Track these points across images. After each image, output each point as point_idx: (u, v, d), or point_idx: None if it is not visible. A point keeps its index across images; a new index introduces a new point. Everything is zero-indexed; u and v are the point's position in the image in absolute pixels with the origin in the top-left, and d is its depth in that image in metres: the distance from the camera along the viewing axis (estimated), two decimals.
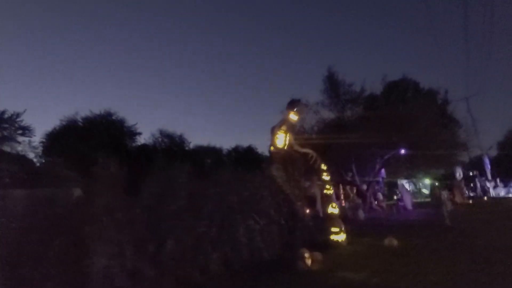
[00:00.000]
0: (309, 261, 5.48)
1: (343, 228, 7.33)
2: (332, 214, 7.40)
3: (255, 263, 5.85)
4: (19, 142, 19.92)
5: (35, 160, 19.33)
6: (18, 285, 3.43)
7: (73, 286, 3.51)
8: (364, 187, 13.96)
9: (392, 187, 20.42)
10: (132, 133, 23.40)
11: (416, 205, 15.54)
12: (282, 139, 6.14)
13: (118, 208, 4.12)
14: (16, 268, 3.45)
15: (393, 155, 13.75)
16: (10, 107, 18.37)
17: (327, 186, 7.64)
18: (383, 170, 14.80)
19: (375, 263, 5.49)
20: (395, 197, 15.99)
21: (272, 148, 6.03)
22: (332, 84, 14.32)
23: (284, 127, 6.23)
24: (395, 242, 6.61)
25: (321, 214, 12.18)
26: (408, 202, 14.69)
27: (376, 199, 13.77)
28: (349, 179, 14.40)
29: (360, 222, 11.19)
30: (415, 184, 22.82)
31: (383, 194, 15.34)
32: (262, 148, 17.87)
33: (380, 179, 15.19)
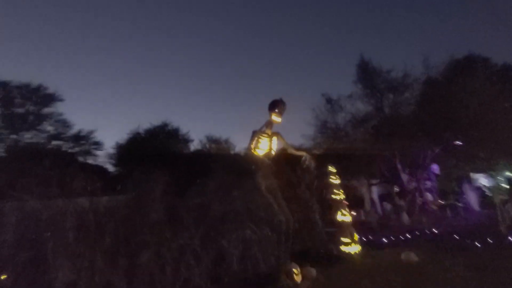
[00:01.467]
0: (298, 278, 5.04)
1: (355, 238, 6.54)
2: (342, 222, 6.67)
3: (248, 276, 5.63)
4: (95, 155, 23.45)
5: (110, 170, 22.58)
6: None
7: None
8: (411, 185, 12.18)
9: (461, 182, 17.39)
10: (185, 141, 25.46)
11: (487, 205, 12.87)
12: (265, 144, 5.74)
13: None
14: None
15: (450, 145, 11.64)
16: (83, 126, 21.82)
17: (335, 191, 6.90)
18: (435, 165, 12.68)
19: (377, 285, 4.75)
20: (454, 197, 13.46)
21: (252, 151, 5.67)
22: (366, 73, 12.85)
23: (268, 131, 5.81)
24: (414, 257, 5.60)
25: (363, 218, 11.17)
26: (474, 202, 12.27)
27: (424, 199, 11.86)
28: (391, 177, 12.80)
29: (402, 227, 9.84)
30: (494, 178, 18.89)
31: (437, 193, 13.14)
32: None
33: (432, 175, 13.02)
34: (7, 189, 5.45)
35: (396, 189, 13.23)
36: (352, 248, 6.44)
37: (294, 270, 5.06)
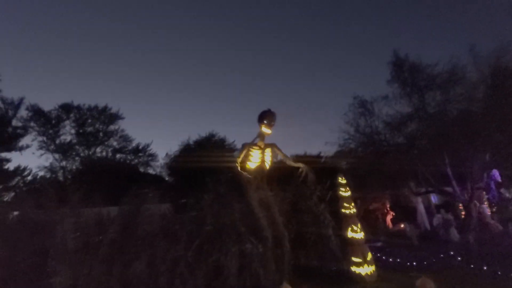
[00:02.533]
0: None
1: (368, 258, 5.87)
2: (352, 239, 6.07)
3: None
4: (151, 166, 26.03)
5: (167, 178, 24.93)
6: None
7: None
8: (464, 195, 10.29)
9: None
10: (232, 150, 26.54)
11: None
12: (257, 156, 5.58)
13: None
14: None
15: None
16: (137, 139, 24.48)
17: (346, 204, 6.32)
18: (496, 172, 10.50)
19: None
20: None
21: (240, 166, 5.56)
22: (403, 70, 11.50)
23: (260, 143, 5.64)
24: (430, 285, 4.75)
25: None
26: None
27: (480, 212, 9.83)
28: (440, 186, 11.06)
29: (447, 245, 8.46)
30: None
31: (498, 204, 10.78)
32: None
33: (491, 185, 10.76)
34: (84, 197, 6.54)
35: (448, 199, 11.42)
36: (364, 269, 5.79)
37: None
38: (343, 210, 6.29)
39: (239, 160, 5.49)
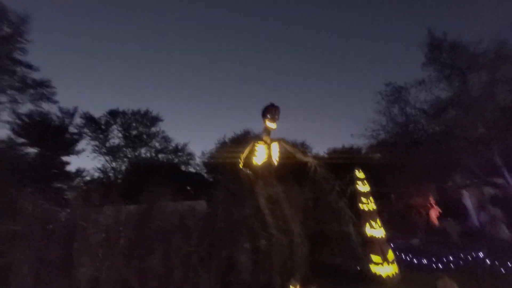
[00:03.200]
0: None
1: (390, 258, 5.47)
2: (371, 237, 5.70)
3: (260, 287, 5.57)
4: (190, 164, 27.35)
5: (206, 176, 26.10)
6: None
7: None
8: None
9: None
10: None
11: None
12: (262, 152, 5.49)
13: None
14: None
15: None
16: (177, 139, 25.82)
17: (363, 199, 5.94)
18: None
19: None
20: None
21: (244, 162, 5.51)
22: (440, 51, 10.29)
23: (266, 138, 5.53)
24: (452, 286, 4.28)
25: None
26: None
27: None
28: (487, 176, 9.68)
29: (493, 244, 7.50)
30: None
31: None
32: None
33: None
34: (133, 194, 7.19)
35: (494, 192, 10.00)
36: (384, 269, 5.42)
37: (291, 287, 4.72)
38: (360, 206, 5.94)
39: (243, 156, 5.50)
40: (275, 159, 5.50)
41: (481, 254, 6.08)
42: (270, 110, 5.30)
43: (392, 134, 11.42)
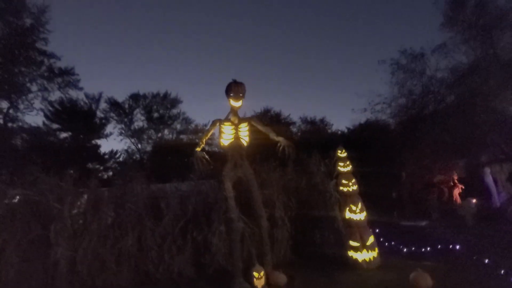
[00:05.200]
0: (258, 282, 4.53)
1: (368, 243, 5.03)
2: (350, 220, 5.25)
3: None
4: (212, 144, 27.70)
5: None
6: None
7: None
8: None
9: None
10: (288, 123, 26.37)
11: None
12: (229, 132, 5.14)
13: None
14: None
15: None
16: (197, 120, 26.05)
17: (344, 181, 5.43)
18: None
19: None
20: None
21: (202, 145, 5.20)
22: (463, 8, 8.71)
23: (233, 118, 5.14)
24: (425, 281, 3.79)
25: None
26: None
27: None
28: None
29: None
30: None
31: None
32: None
33: None
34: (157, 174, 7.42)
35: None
36: (362, 255, 5.01)
37: (255, 273, 4.56)
38: (341, 188, 5.46)
39: (204, 138, 5.23)
40: (245, 139, 5.17)
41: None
42: (233, 88, 4.90)
43: (405, 107, 10.32)
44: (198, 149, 5.07)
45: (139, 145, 25.76)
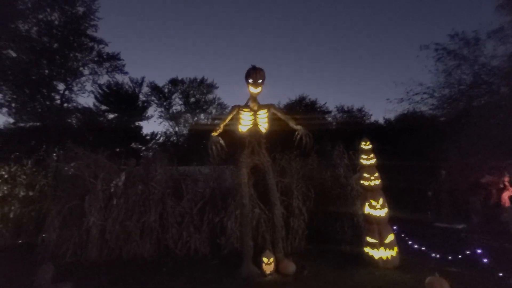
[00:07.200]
0: (267, 268, 4.59)
1: (387, 240, 4.76)
2: (369, 215, 4.99)
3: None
4: None
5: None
6: None
7: None
8: None
9: None
10: (323, 112, 25.72)
11: None
12: (248, 119, 5.07)
13: None
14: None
15: None
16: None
17: (366, 175, 5.13)
18: None
19: None
20: None
21: (220, 130, 5.17)
22: None
23: (253, 105, 5.06)
24: (441, 286, 3.48)
25: None
26: None
27: None
28: None
29: None
30: None
31: None
32: None
33: None
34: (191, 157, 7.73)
35: None
36: (379, 253, 4.77)
37: (264, 258, 4.61)
38: (362, 182, 5.19)
39: (223, 123, 5.24)
40: (263, 126, 5.12)
41: None
42: (251, 74, 4.81)
43: (450, 98, 9.28)
44: (214, 133, 5.13)
45: (176, 128, 26.98)
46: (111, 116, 25.09)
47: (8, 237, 6.88)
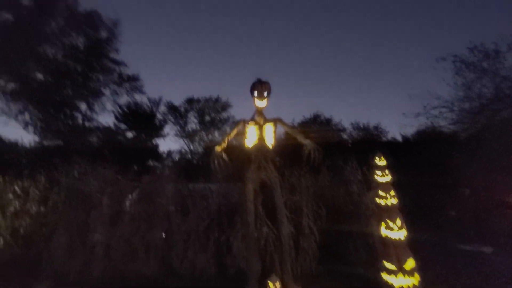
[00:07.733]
0: None
1: (408, 267, 4.34)
2: (386, 238, 4.61)
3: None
4: None
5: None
6: None
7: None
8: None
9: None
10: (338, 130, 25.47)
11: None
12: (253, 133, 4.94)
13: None
14: None
15: None
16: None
17: (381, 193, 4.80)
18: None
19: None
20: None
21: (224, 145, 5.04)
22: None
23: (258, 119, 4.94)
24: None
25: None
26: None
27: None
28: None
29: None
30: None
31: None
32: None
33: None
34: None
35: None
36: (398, 280, 4.34)
37: (269, 282, 4.30)
38: (377, 200, 4.85)
39: (227, 138, 5.13)
40: (270, 141, 4.97)
41: None
42: (257, 87, 4.74)
43: (470, 112, 8.80)
44: (218, 148, 5.03)
45: (191, 146, 27.32)
46: (129, 134, 25.84)
47: (19, 252, 6.92)
